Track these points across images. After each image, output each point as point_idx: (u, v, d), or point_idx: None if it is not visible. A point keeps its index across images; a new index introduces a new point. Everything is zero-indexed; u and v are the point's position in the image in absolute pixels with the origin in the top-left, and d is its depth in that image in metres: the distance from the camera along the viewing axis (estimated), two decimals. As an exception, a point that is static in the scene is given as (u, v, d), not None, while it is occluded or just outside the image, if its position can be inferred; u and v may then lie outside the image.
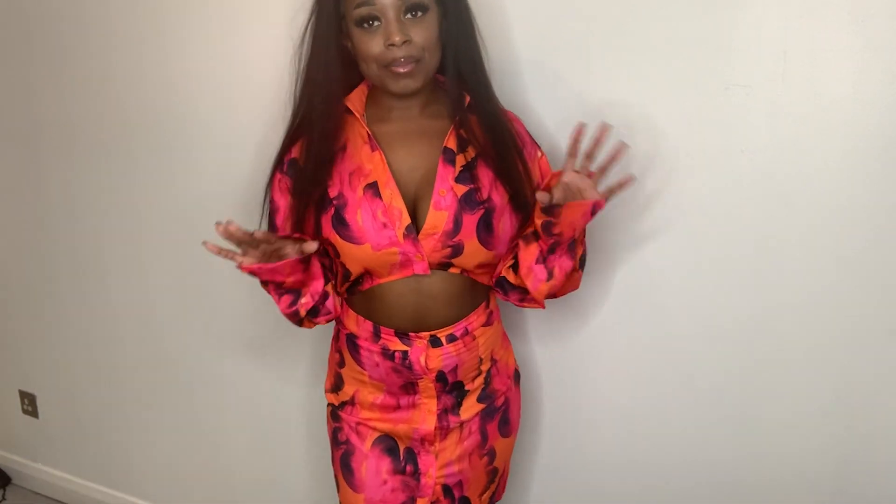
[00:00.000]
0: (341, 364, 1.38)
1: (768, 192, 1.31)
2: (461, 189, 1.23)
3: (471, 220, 1.23)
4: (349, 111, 1.27)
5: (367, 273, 1.26)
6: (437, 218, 1.22)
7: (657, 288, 1.44)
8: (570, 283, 1.30)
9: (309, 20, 1.24)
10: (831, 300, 1.32)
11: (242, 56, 1.69)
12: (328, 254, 1.31)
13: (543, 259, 1.25)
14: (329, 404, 1.42)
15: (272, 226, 1.32)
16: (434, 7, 1.20)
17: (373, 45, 1.18)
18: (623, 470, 1.57)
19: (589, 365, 1.55)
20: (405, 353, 1.28)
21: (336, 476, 1.41)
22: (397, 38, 1.16)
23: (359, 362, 1.33)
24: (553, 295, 1.30)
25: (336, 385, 1.40)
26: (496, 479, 1.44)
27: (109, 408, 2.20)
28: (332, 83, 1.23)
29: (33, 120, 2.05)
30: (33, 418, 2.38)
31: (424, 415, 1.32)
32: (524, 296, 1.32)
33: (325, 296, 1.30)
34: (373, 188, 1.23)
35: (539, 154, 1.33)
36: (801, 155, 1.28)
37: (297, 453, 1.95)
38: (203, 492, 2.14)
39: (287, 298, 1.29)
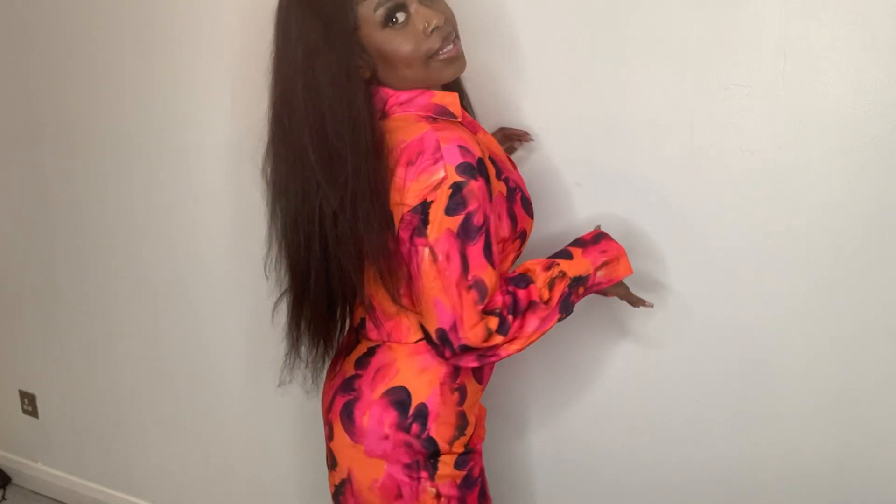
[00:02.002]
0: (461, 402, 1.23)
1: (768, 192, 1.31)
2: None
3: None
4: (451, 114, 1.17)
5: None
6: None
7: (656, 288, 1.44)
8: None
9: (313, 64, 1.10)
10: (832, 300, 1.32)
11: (248, 59, 1.68)
12: None
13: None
14: (454, 455, 1.21)
15: (488, 244, 1.12)
16: None
17: (406, 42, 1.10)
18: (626, 467, 1.58)
19: (591, 364, 1.55)
20: None
21: None
22: (436, 20, 1.10)
23: (480, 380, 1.26)
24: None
25: (460, 428, 1.22)
26: None
27: (109, 408, 2.20)
28: (363, 120, 1.11)
29: (36, 121, 2.05)
30: (33, 418, 2.38)
31: None
32: None
33: None
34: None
35: None
36: (801, 155, 1.28)
37: (295, 455, 1.95)
38: (202, 492, 2.14)
39: None
